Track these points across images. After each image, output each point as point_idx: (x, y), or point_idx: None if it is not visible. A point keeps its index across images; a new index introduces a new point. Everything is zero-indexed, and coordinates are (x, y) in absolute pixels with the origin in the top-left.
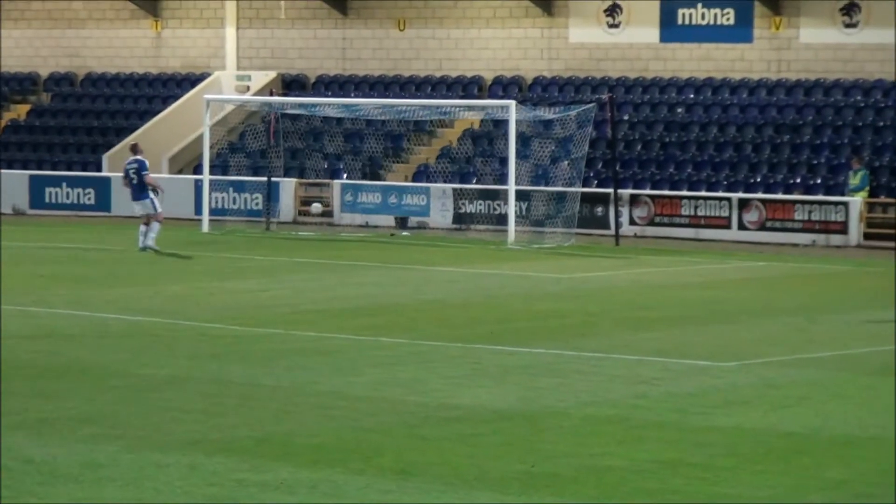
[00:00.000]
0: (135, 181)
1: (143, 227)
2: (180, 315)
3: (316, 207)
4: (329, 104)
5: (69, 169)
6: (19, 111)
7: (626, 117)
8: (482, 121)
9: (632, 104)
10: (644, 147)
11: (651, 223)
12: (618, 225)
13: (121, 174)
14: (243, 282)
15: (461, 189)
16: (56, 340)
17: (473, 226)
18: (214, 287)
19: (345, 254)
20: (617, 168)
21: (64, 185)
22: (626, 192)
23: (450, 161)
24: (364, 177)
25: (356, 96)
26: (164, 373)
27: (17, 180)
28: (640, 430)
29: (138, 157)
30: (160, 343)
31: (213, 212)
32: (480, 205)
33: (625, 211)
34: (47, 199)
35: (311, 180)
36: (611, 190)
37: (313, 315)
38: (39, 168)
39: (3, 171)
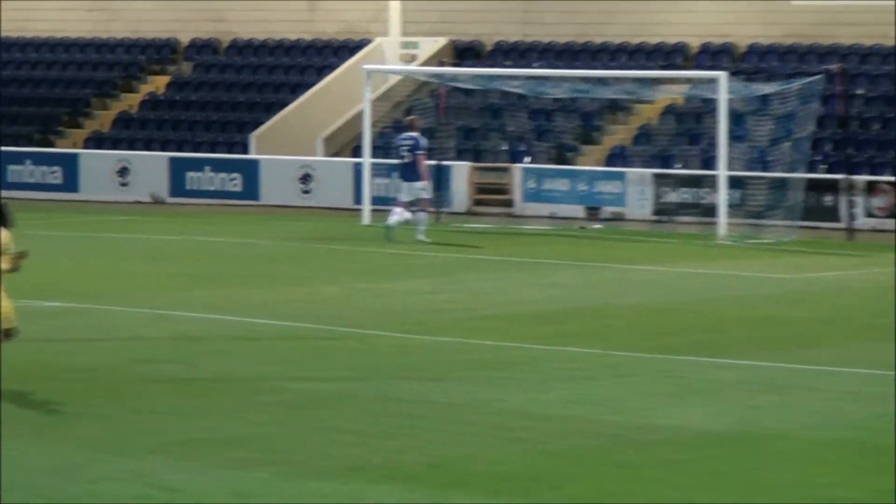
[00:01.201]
0: (407, 159)
1: (396, 210)
2: (338, 321)
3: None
4: (509, 76)
5: (213, 150)
6: (157, 83)
7: (860, 91)
8: (687, 96)
9: (867, 76)
10: (883, 126)
11: (893, 215)
12: (851, 217)
13: (267, 156)
14: (410, 282)
15: (663, 175)
16: (197, 350)
17: (677, 217)
18: (377, 288)
19: (528, 250)
20: (849, 150)
21: (207, 168)
22: (862, 178)
23: (649, 142)
24: (550, 161)
25: (540, 66)
26: (320, 388)
27: (155, 164)
28: (879, 456)
29: (414, 133)
30: (315, 353)
31: (374, 201)
32: (685, 193)
33: (860, 200)
34: (188, 186)
35: (487, 164)
36: (842, 176)
37: (492, 321)
38: (180, 149)
39: (140, 153)
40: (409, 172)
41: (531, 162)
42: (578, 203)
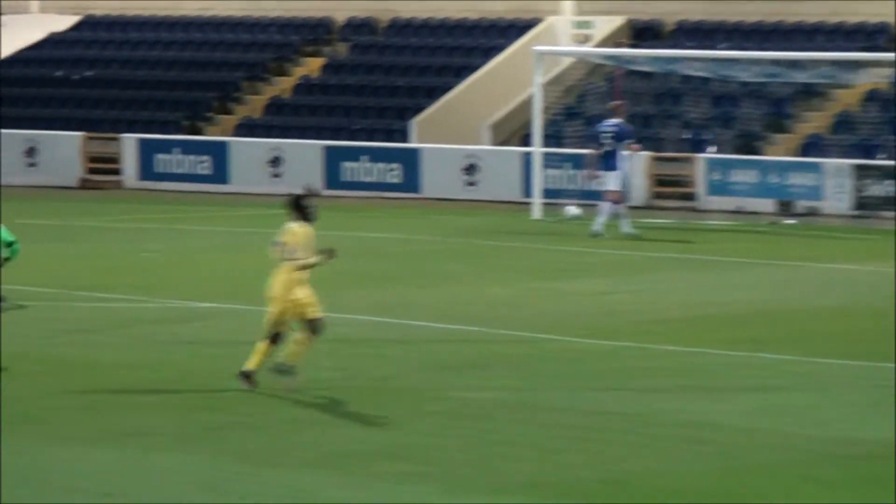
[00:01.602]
0: (610, 147)
1: (604, 207)
2: (507, 324)
3: (570, 211)
4: (691, 58)
5: (370, 138)
6: (311, 66)
7: None
8: (893, 80)
9: None
10: None
11: None
12: None
13: (429, 145)
14: (584, 282)
15: (864, 166)
16: (356, 354)
17: (880, 212)
18: (549, 288)
19: (712, 247)
20: None
21: (364, 158)
22: None
23: (849, 131)
24: (737, 151)
25: (726, 48)
26: (487, 396)
27: (309, 153)
28: None
29: (618, 120)
30: (482, 359)
31: (545, 193)
32: (889, 186)
33: None
34: (344, 177)
35: (667, 154)
36: None
37: (674, 325)
38: (335, 138)
39: (293, 141)
40: (609, 161)
41: (715, 152)
42: (768, 196)
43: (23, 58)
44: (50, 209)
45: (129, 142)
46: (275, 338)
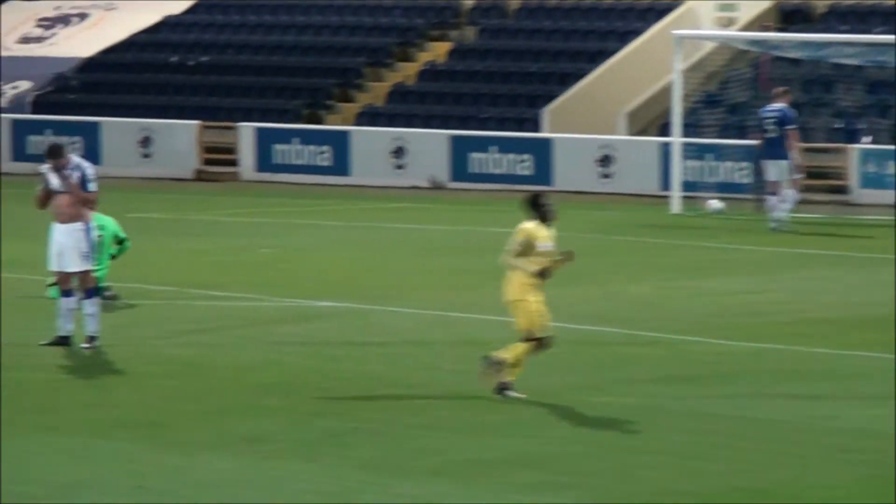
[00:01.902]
0: (773, 134)
1: (772, 200)
2: (645, 324)
3: (713, 205)
4: (844, 43)
5: (499, 127)
6: (437, 51)
7: None
8: None
9: None
10: None
11: None
12: None
13: (562, 135)
14: (727, 280)
15: None
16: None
17: None
18: (689, 287)
19: (867, 244)
20: None
21: (493, 149)
22: None
23: None
24: (894, 141)
25: (883, 32)
26: (624, 402)
27: (434, 143)
28: None
29: (781, 105)
30: (619, 362)
31: (685, 186)
32: None
33: None
34: (472, 168)
35: (817, 145)
36: None
37: (823, 326)
38: (462, 127)
39: (418, 130)
40: (775, 149)
41: (870, 142)
42: None
43: (136, 42)
44: (164, 202)
45: (247, 131)
46: (536, 341)
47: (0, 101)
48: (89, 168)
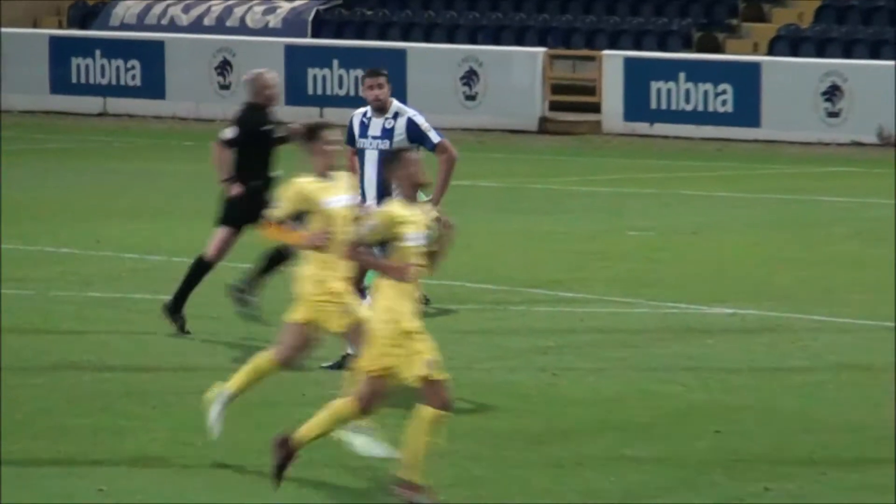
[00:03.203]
0: None
1: None
2: None
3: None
4: None
5: None
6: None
7: None
8: None
9: None
10: None
11: None
12: None
13: None
14: None
15: None
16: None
17: None
18: None
19: None
20: None
21: None
22: None
23: None
24: None
25: None
26: None
27: (883, 79)
28: None
29: None
30: None
31: None
32: None
33: None
34: None
35: None
36: None
37: None
38: None
39: (859, 62)
40: None
41: None
42: None
43: None
44: (493, 164)
45: (612, 63)
46: None
47: (269, 20)
48: (417, 116)
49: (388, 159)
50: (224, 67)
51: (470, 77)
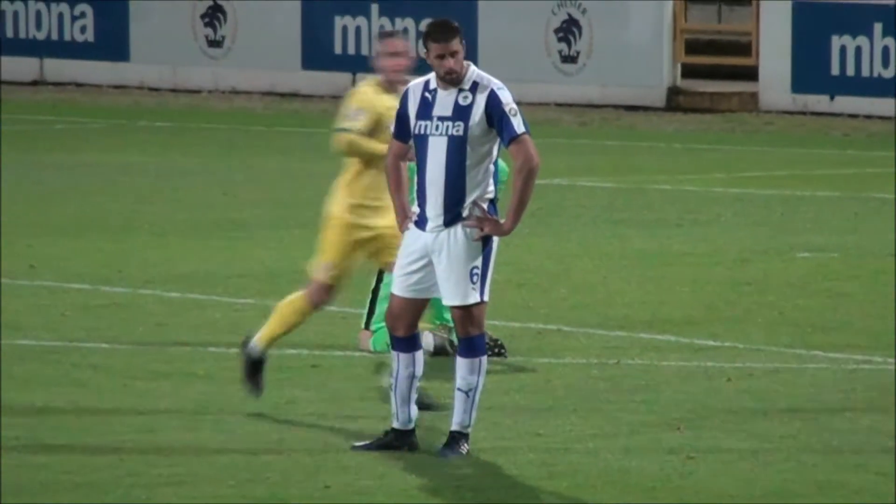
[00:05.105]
0: None
1: None
2: None
3: None
4: None
5: None
6: None
7: None
8: None
9: None
10: None
11: None
12: None
13: None
14: None
15: None
16: None
17: None
18: None
19: None
20: None
21: None
22: None
23: None
24: None
25: None
26: None
27: None
28: None
29: None
30: None
31: None
32: None
33: None
34: None
35: None
36: None
37: None
38: None
39: None
40: None
41: None
42: None
43: None
44: (605, 154)
45: (776, 9)
46: None
47: None
48: (503, 90)
49: None
50: (214, 16)
51: (568, 31)
